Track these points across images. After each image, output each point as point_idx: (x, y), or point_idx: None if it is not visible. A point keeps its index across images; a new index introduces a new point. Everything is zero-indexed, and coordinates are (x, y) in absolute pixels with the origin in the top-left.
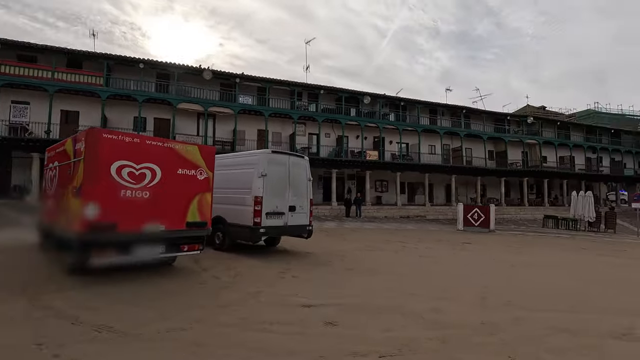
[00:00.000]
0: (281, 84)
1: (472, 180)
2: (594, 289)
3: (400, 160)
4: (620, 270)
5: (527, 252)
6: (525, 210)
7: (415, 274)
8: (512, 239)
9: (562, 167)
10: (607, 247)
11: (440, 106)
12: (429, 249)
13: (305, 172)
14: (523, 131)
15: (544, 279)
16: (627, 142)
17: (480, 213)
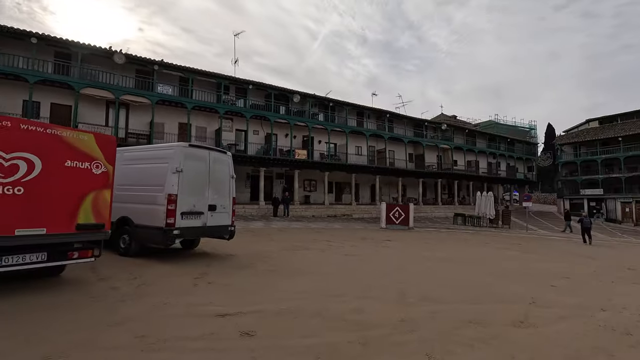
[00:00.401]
0: (206, 75)
1: (394, 180)
2: (495, 280)
3: (328, 160)
4: (516, 262)
5: (440, 247)
6: (439, 208)
7: (340, 274)
8: (428, 236)
9: (469, 170)
10: (505, 240)
11: (366, 109)
12: (354, 247)
13: (228, 168)
14: (438, 137)
15: (455, 272)
16: (519, 150)
17: (401, 212)
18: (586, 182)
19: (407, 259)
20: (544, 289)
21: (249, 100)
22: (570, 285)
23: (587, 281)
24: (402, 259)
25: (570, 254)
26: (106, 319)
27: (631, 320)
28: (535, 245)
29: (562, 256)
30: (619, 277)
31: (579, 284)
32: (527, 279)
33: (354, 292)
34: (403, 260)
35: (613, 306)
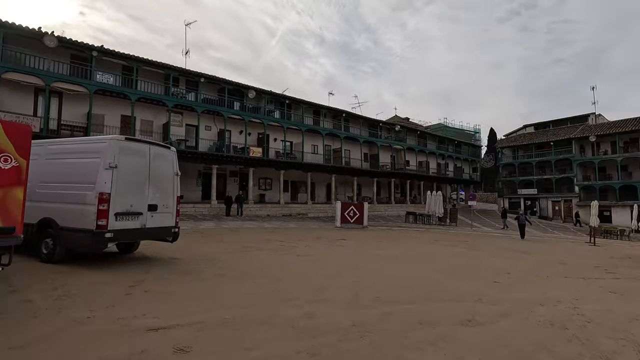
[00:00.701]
0: (153, 65)
1: (350, 179)
2: (444, 277)
3: (284, 158)
4: (463, 259)
5: (393, 246)
6: (392, 207)
7: (292, 276)
8: (381, 234)
9: (420, 170)
10: (453, 238)
11: (323, 108)
12: (308, 247)
13: (171, 165)
14: (392, 137)
15: (407, 270)
16: (465, 152)
17: (355, 211)
18: (523, 182)
19: (361, 258)
20: (488, 286)
21: (200, 94)
22: (511, 281)
23: (526, 276)
24: (356, 258)
25: (510, 250)
26: (8, 341)
27: (566, 313)
28: (479, 242)
29: (503, 252)
30: (553, 272)
31: (519, 280)
32: (473, 276)
33: (306, 295)
34: (357, 260)
35: (549, 300)
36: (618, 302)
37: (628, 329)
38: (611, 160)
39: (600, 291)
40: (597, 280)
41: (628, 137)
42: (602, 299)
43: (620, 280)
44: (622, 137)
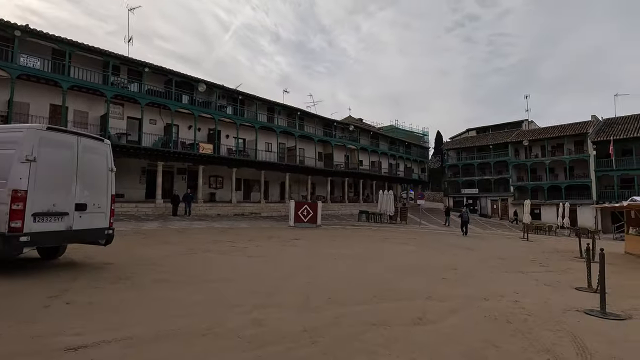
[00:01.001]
0: (90, 51)
1: (304, 178)
2: (396, 275)
3: (236, 155)
4: (413, 256)
5: (346, 245)
6: (345, 206)
7: (241, 279)
8: (335, 233)
9: (373, 170)
10: (403, 236)
11: (277, 105)
12: (260, 247)
13: (105, 159)
14: (346, 137)
15: (360, 269)
16: (415, 153)
17: (309, 210)
18: (466, 182)
19: (314, 258)
20: (437, 282)
21: (144, 84)
22: (457, 277)
23: (471, 272)
24: (309, 258)
25: (455, 246)
26: None
27: (508, 307)
28: (428, 239)
29: (450, 249)
30: (494, 267)
31: (464, 275)
32: (423, 273)
33: (255, 299)
34: (310, 260)
35: (492, 295)
36: (552, 294)
37: (563, 319)
38: (541, 162)
39: (536, 284)
40: (533, 274)
41: (555, 142)
42: (538, 292)
43: (553, 273)
44: (550, 142)
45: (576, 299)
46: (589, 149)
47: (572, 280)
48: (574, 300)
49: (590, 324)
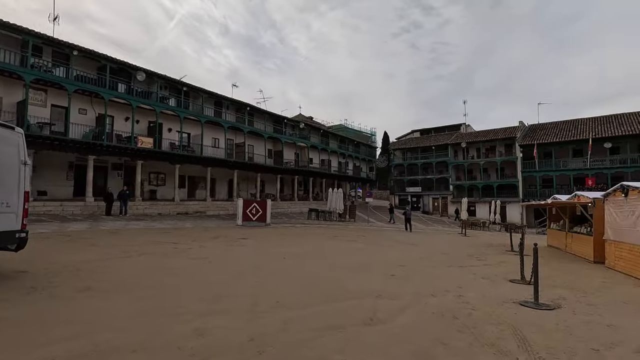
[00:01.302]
0: (5, 27)
1: (253, 176)
2: (346, 274)
3: (180, 151)
4: (362, 253)
5: (296, 243)
6: (295, 204)
7: (182, 284)
8: (284, 231)
9: (323, 168)
10: (352, 233)
11: (226, 99)
12: (204, 248)
13: (16, 151)
14: (296, 134)
15: (309, 269)
16: (363, 152)
17: (258, 208)
18: (410, 181)
19: (263, 257)
20: (386, 280)
21: (72, 69)
22: (405, 273)
23: (417, 267)
24: (257, 258)
25: (401, 242)
26: None
27: (454, 303)
28: (375, 236)
29: (396, 245)
30: (438, 262)
31: (412, 271)
32: (372, 270)
33: (197, 306)
34: (258, 260)
35: (439, 290)
36: (490, 287)
37: (501, 312)
38: (476, 163)
39: (475, 278)
40: (472, 268)
41: (489, 145)
42: (478, 286)
43: (489, 267)
44: (484, 144)
45: (511, 291)
46: (517, 152)
47: (506, 273)
48: (509, 292)
49: (526, 316)
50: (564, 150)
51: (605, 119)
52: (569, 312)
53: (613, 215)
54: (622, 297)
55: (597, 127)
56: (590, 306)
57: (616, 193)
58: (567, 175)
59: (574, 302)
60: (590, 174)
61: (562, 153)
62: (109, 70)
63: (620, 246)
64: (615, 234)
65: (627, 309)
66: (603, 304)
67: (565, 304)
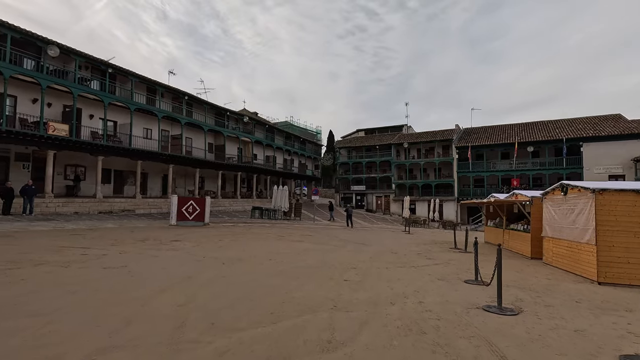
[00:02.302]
0: None
1: (191, 171)
2: (294, 281)
3: (104, 141)
4: (310, 255)
5: (237, 245)
6: (237, 202)
7: (80, 304)
8: (225, 232)
9: (267, 165)
10: (298, 232)
11: (160, 86)
12: (124, 254)
13: None
14: (240, 128)
15: (252, 277)
16: (309, 149)
17: (195, 206)
18: (355, 179)
19: (197, 264)
20: (339, 286)
21: None
22: (358, 277)
23: (369, 269)
24: (190, 265)
25: (349, 242)
26: None
27: (416, 312)
28: (322, 235)
29: (344, 244)
30: (389, 262)
31: (365, 274)
32: (323, 275)
33: (99, 335)
34: (191, 267)
35: (397, 296)
36: (448, 290)
37: (469, 321)
38: (417, 163)
39: (431, 279)
40: (425, 268)
41: (428, 146)
42: (435, 289)
43: (440, 266)
44: (424, 145)
45: (470, 293)
46: (453, 153)
47: (458, 273)
48: (468, 295)
49: (494, 324)
50: (494, 152)
51: (528, 125)
52: (533, 317)
53: (551, 213)
54: (571, 296)
55: (522, 132)
56: (549, 308)
57: (555, 192)
58: (496, 176)
59: (532, 304)
60: (516, 175)
61: (492, 155)
62: (10, 41)
63: (559, 243)
64: (554, 231)
65: (581, 310)
66: (559, 304)
67: (525, 306)
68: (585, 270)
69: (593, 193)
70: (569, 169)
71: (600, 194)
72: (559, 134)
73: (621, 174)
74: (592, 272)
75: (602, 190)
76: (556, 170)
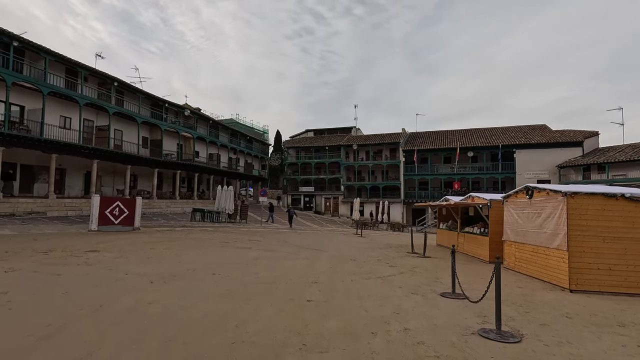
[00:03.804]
0: None
1: (121, 168)
2: (243, 304)
3: (5, 129)
4: (262, 266)
5: (171, 256)
6: (176, 203)
7: None
8: (158, 238)
9: (211, 163)
10: (245, 237)
11: (83, 68)
12: (10, 272)
13: None
14: (180, 123)
15: (186, 303)
16: (256, 149)
17: (123, 207)
18: (304, 180)
19: (114, 285)
20: (303, 310)
21: None
22: (324, 295)
23: (334, 283)
24: (105, 287)
25: (303, 247)
26: None
27: (406, 345)
28: (272, 240)
29: (298, 251)
30: (353, 273)
31: (330, 290)
32: (280, 294)
33: None
34: (105, 290)
35: (375, 321)
36: (428, 309)
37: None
38: (365, 165)
39: (404, 294)
40: (392, 279)
41: (376, 149)
42: (413, 307)
43: (406, 275)
44: (373, 148)
45: (455, 312)
46: (400, 156)
47: (429, 283)
48: (455, 314)
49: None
50: (437, 156)
51: (468, 131)
52: (538, 344)
53: (514, 217)
54: (556, 309)
55: (463, 138)
56: (545, 328)
57: (518, 195)
58: (439, 179)
59: (526, 324)
60: (457, 178)
61: (436, 159)
62: None
63: (523, 248)
64: (517, 235)
65: (578, 327)
66: (552, 322)
67: (520, 327)
68: (554, 277)
69: (564, 196)
70: (504, 173)
71: (572, 197)
72: (495, 140)
73: (547, 179)
74: (563, 279)
75: (573, 193)
76: (492, 174)
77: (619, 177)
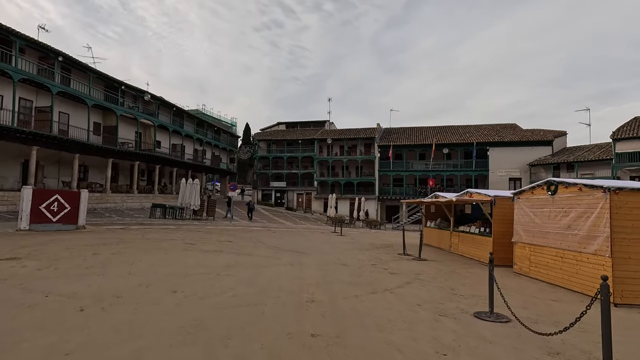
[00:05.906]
0: None
1: (68, 157)
2: (209, 356)
3: None
4: (236, 277)
5: (118, 264)
6: (133, 198)
7: None
8: (107, 238)
9: (174, 155)
10: (214, 237)
11: (18, 37)
12: None
13: None
14: (139, 108)
15: (131, 346)
16: (224, 141)
17: (63, 202)
18: (275, 175)
19: (23, 315)
20: (301, 351)
21: None
22: (331, 328)
23: (337, 305)
24: (5, 321)
25: (282, 250)
26: None
27: None
28: (245, 240)
29: (277, 254)
30: (350, 284)
31: (337, 317)
32: (271, 326)
33: None
34: (5, 326)
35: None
36: (475, 341)
37: None
38: (339, 160)
39: (432, 318)
40: (402, 292)
41: (351, 144)
42: (457, 342)
43: (414, 286)
44: (347, 142)
45: (511, 344)
46: (375, 152)
47: (450, 298)
48: (520, 353)
49: None
50: (412, 153)
51: (443, 128)
52: None
53: (529, 216)
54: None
55: (437, 134)
56: None
57: (535, 190)
58: (414, 175)
59: None
60: (432, 175)
61: (410, 155)
62: None
63: (540, 251)
64: (532, 236)
65: None
66: None
67: None
68: (589, 287)
69: (607, 193)
70: (478, 171)
71: (616, 193)
72: (469, 138)
73: (519, 177)
74: None
75: (617, 189)
76: (466, 171)
77: (587, 176)
